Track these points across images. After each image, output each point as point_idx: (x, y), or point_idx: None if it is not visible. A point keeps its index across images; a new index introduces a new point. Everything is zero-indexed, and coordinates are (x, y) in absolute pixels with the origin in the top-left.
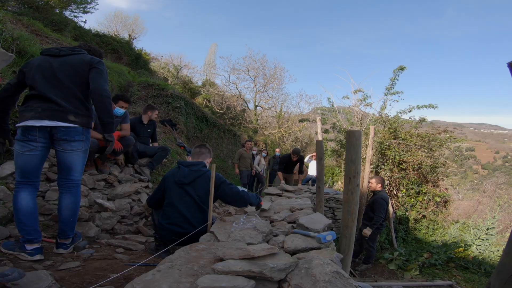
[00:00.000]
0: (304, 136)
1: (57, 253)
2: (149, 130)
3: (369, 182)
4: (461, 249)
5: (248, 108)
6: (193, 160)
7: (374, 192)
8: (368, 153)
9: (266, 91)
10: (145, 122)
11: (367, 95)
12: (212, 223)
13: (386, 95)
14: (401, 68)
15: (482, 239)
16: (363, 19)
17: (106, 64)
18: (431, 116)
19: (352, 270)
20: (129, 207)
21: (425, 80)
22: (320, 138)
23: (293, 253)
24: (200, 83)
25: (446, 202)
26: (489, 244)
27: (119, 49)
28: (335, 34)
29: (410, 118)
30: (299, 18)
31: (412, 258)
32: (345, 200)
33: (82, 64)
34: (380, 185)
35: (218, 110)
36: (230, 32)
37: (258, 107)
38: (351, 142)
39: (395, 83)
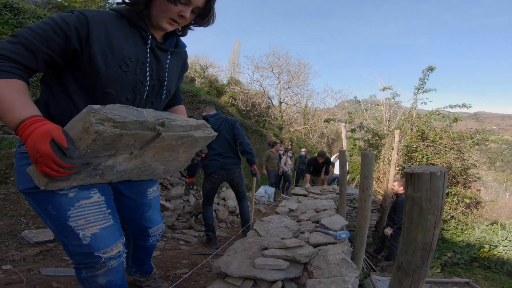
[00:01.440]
0: (331, 131)
1: None
2: None
3: (392, 185)
4: (485, 249)
5: (273, 104)
6: (212, 113)
7: (397, 195)
8: (394, 156)
9: (290, 87)
10: None
11: (396, 93)
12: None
13: (416, 94)
14: (431, 69)
15: (510, 240)
16: (393, 7)
17: None
18: (476, 107)
19: (373, 265)
20: (182, 207)
21: (468, 70)
22: (344, 146)
23: (315, 246)
24: (225, 81)
25: (477, 203)
26: None
27: None
28: (364, 25)
29: (443, 117)
30: (323, 10)
31: (434, 257)
32: (359, 207)
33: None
34: (402, 188)
35: (244, 108)
36: (252, 29)
37: (283, 104)
38: (364, 161)
39: (424, 83)
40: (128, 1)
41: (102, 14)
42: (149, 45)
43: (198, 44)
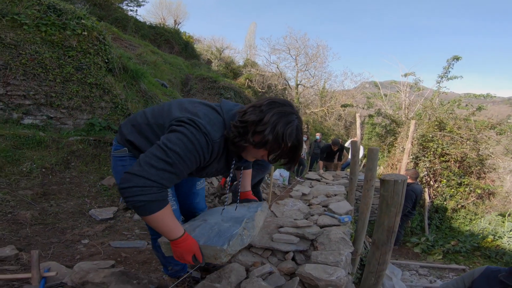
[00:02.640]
0: (349, 114)
1: None
2: None
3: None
4: (489, 239)
5: (289, 86)
6: None
7: (407, 184)
8: (407, 146)
9: (307, 70)
10: None
11: (419, 80)
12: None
13: (439, 82)
14: (456, 58)
15: None
16: None
17: (164, 58)
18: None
19: None
20: (206, 188)
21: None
22: (358, 135)
23: (322, 226)
24: (241, 63)
25: (490, 194)
26: None
27: (171, 39)
28: (388, 4)
29: (466, 105)
30: None
31: (438, 244)
32: (363, 195)
33: None
34: (409, 177)
35: (260, 90)
36: (268, 9)
37: (299, 86)
38: (370, 156)
39: (449, 71)
40: (234, 148)
41: (221, 139)
42: (233, 166)
43: (214, 26)
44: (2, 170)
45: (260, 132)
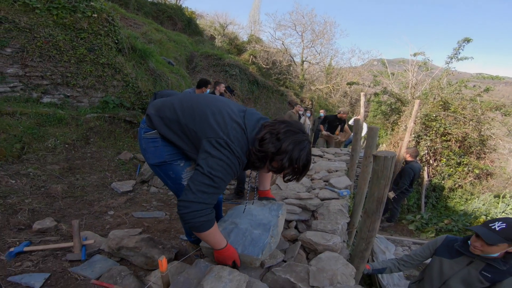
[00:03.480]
0: (355, 91)
1: None
2: None
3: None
4: (481, 219)
5: (295, 62)
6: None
7: (406, 162)
8: (410, 125)
9: (314, 46)
10: (216, 94)
11: (428, 59)
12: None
13: (448, 63)
14: (467, 40)
15: (507, 214)
16: None
17: (169, 36)
18: None
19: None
20: None
21: None
22: (361, 113)
23: (322, 199)
24: (245, 39)
25: (489, 174)
26: None
27: (174, 16)
28: None
29: (474, 86)
30: None
31: (432, 222)
32: (362, 171)
33: None
34: (409, 155)
35: (264, 66)
36: None
37: (305, 62)
38: (370, 134)
39: (459, 53)
40: (253, 167)
41: (244, 153)
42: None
43: (216, 0)
44: (30, 146)
45: (278, 160)
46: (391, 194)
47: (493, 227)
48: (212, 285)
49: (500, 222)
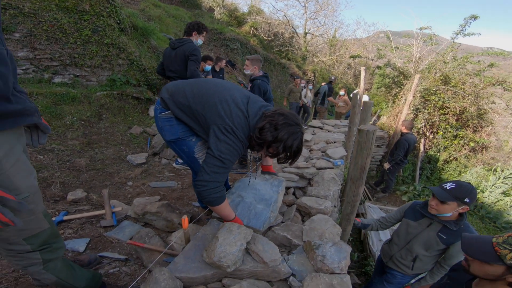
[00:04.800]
0: (359, 63)
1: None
2: (221, 76)
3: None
4: None
5: (297, 34)
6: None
7: (402, 134)
8: (409, 98)
9: (317, 18)
10: (217, 70)
11: (434, 34)
12: None
13: (453, 39)
14: (474, 17)
15: (497, 187)
16: None
17: (167, 11)
18: None
19: (370, 196)
20: None
21: None
22: (361, 87)
23: (318, 168)
24: (246, 10)
25: (484, 148)
26: (500, 193)
27: None
28: None
29: (478, 61)
30: None
31: (424, 193)
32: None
33: (183, 55)
34: (404, 127)
35: (266, 38)
36: None
37: (308, 34)
38: (364, 108)
39: (465, 29)
40: (252, 149)
41: (246, 136)
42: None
43: None
44: (50, 124)
45: (274, 147)
46: (387, 165)
47: (445, 187)
48: (225, 237)
49: (451, 183)
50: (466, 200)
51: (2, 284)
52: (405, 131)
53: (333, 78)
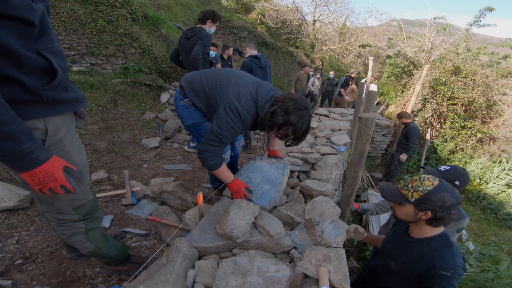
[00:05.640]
0: (370, 52)
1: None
2: (229, 63)
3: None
4: (475, 182)
5: (306, 22)
6: (257, 52)
7: (405, 124)
8: (417, 88)
9: (327, 5)
10: (225, 58)
11: (449, 25)
12: None
13: (467, 30)
14: (489, 9)
15: (501, 178)
16: None
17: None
18: None
19: (374, 183)
20: None
21: None
22: (368, 77)
23: (322, 154)
24: None
25: (492, 139)
26: (504, 184)
27: None
28: None
29: (492, 52)
30: None
31: None
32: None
33: (194, 45)
34: (405, 118)
35: (274, 25)
36: None
37: (317, 22)
38: (369, 97)
39: (480, 20)
40: (261, 129)
41: (252, 119)
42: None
43: None
44: None
45: (284, 130)
46: (404, 156)
47: (440, 169)
48: (235, 211)
49: (446, 166)
50: (456, 182)
51: (38, 258)
52: (408, 120)
53: (353, 72)
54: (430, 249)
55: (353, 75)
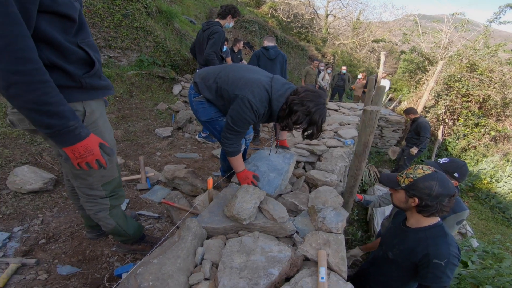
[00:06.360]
0: (385, 47)
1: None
2: (239, 56)
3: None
4: (485, 181)
5: (318, 16)
6: (272, 44)
7: (414, 119)
8: (430, 84)
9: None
10: (236, 51)
11: (467, 21)
12: None
13: (486, 27)
14: (510, 6)
15: None
16: None
17: None
18: None
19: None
20: None
21: None
22: (380, 72)
23: (329, 147)
24: None
25: (506, 137)
26: None
27: None
28: None
29: None
30: None
31: None
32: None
33: (206, 39)
34: (412, 114)
35: (285, 19)
36: None
37: (330, 16)
38: (377, 92)
39: (499, 17)
40: (276, 120)
41: (265, 110)
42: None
43: None
44: None
45: (301, 121)
46: (414, 150)
47: (439, 161)
48: (242, 195)
49: (445, 158)
50: (455, 174)
51: (60, 238)
52: (415, 116)
53: (360, 78)
54: (425, 237)
55: (360, 76)
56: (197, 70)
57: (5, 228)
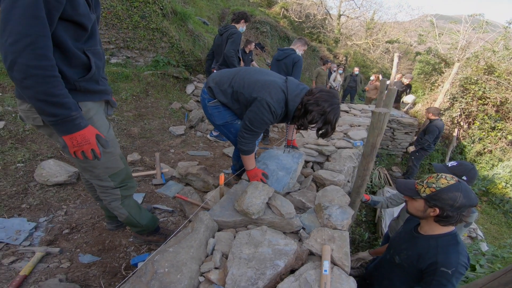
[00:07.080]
0: (399, 48)
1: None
2: (250, 57)
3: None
4: (500, 186)
5: (330, 16)
6: (287, 47)
7: (430, 120)
8: (445, 86)
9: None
10: (247, 52)
11: (487, 22)
12: None
13: (506, 28)
14: None
15: None
16: None
17: None
18: None
19: (391, 181)
20: None
21: None
22: (392, 74)
23: (338, 148)
24: None
25: None
26: None
27: None
28: None
29: None
30: None
31: None
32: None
33: (225, 40)
34: (431, 114)
35: (297, 19)
36: None
37: (342, 16)
38: (388, 94)
39: None
40: (290, 120)
41: (282, 110)
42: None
43: None
44: None
45: (316, 120)
46: (411, 148)
47: (447, 165)
48: (252, 191)
49: (454, 161)
50: (464, 178)
51: (83, 228)
52: (433, 117)
53: (372, 80)
54: (435, 245)
55: (373, 78)
56: (213, 68)
57: (32, 218)
